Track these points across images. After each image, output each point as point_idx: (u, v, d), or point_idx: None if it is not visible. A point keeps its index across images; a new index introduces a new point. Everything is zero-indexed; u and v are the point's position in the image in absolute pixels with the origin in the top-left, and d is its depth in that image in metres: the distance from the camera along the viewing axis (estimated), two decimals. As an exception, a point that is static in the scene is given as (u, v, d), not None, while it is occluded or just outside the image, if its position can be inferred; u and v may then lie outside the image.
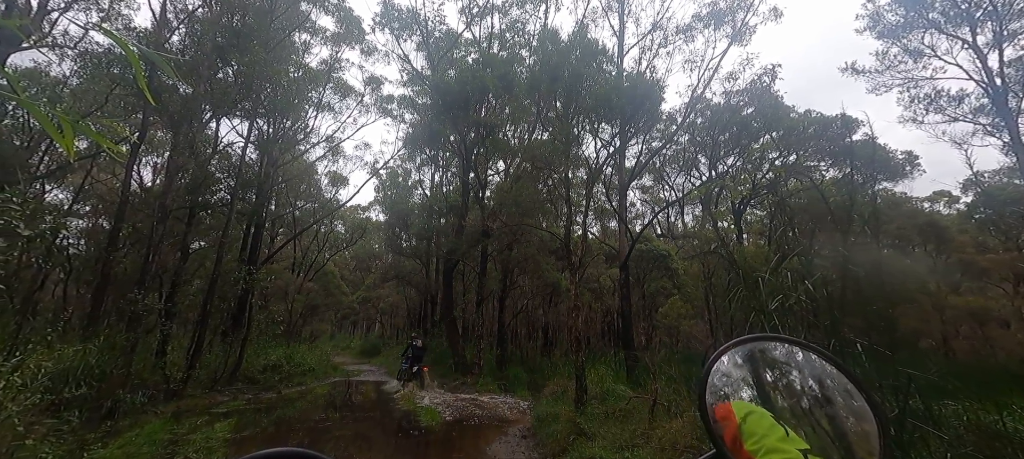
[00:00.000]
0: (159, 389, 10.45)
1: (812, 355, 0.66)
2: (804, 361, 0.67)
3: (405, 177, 25.84)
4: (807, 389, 0.64)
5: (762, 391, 0.65)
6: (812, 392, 0.64)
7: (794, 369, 0.66)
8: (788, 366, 0.67)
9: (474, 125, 15.33)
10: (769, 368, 0.68)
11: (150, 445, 6.40)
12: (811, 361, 0.66)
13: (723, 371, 0.65)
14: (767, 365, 0.68)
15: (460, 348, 15.94)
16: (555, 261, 18.09)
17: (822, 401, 0.63)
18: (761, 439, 0.54)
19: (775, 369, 0.67)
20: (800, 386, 0.65)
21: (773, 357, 0.69)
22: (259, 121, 17.00)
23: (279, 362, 15.25)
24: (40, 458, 3.26)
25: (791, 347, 0.68)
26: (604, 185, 15.85)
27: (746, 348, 0.68)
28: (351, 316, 39.25)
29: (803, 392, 0.64)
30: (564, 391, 8.45)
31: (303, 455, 0.56)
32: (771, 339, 0.71)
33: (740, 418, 0.58)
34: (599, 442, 5.15)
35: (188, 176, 13.70)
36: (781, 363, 0.67)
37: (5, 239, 3.60)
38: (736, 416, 0.58)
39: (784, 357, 0.68)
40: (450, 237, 16.96)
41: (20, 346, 3.74)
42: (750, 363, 0.67)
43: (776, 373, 0.67)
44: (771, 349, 0.69)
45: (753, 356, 0.68)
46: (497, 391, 12.20)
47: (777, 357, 0.68)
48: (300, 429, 8.31)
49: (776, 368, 0.67)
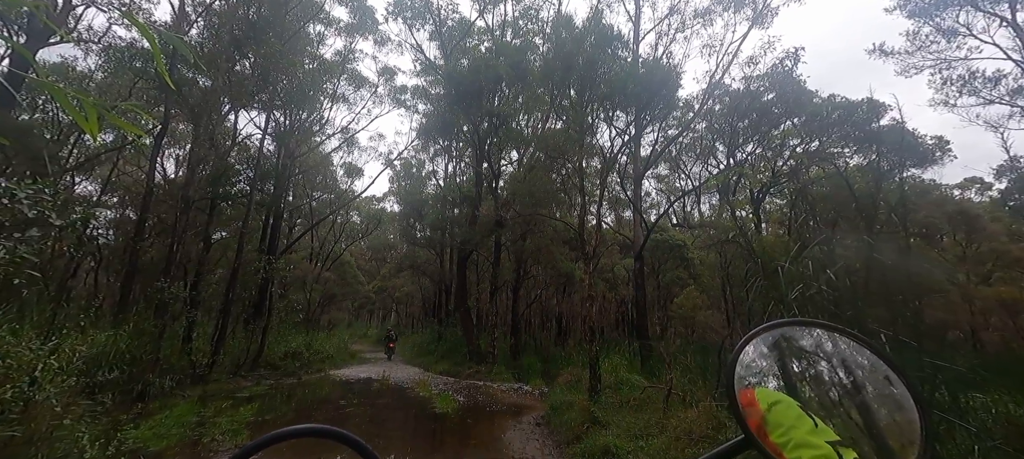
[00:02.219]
0: (186, 374, 10.85)
1: (847, 341, 0.63)
2: (838, 347, 0.64)
3: (419, 168, 26.00)
4: (840, 377, 0.61)
5: (791, 379, 0.62)
6: (845, 380, 0.61)
7: (827, 355, 0.63)
8: (820, 352, 0.64)
9: (487, 115, 15.27)
10: (800, 354, 0.65)
11: (179, 427, 6.66)
12: (846, 347, 0.63)
13: (752, 356, 0.62)
14: (798, 351, 0.65)
15: (474, 337, 16.08)
16: (569, 251, 17.99)
17: (856, 389, 0.60)
18: (788, 431, 0.52)
19: (806, 355, 0.64)
20: (832, 373, 0.62)
21: (805, 343, 0.66)
22: (276, 113, 17.25)
23: (299, 349, 15.65)
24: (77, 437, 3.44)
25: (824, 332, 0.65)
26: (619, 174, 15.66)
27: (776, 333, 0.65)
28: (367, 305, 39.92)
29: (835, 380, 0.61)
30: (578, 380, 8.48)
31: (328, 431, 0.57)
32: (804, 324, 0.67)
33: (765, 407, 0.55)
34: (613, 431, 5.16)
35: (209, 168, 14.04)
36: (813, 349, 0.64)
37: (39, 229, 3.74)
38: (761, 405, 0.55)
39: (816, 343, 0.65)
40: (464, 227, 17.03)
41: (56, 331, 3.94)
42: (779, 349, 0.65)
43: (807, 360, 0.64)
44: (803, 334, 0.66)
45: (783, 342, 0.65)
46: (511, 379, 12.30)
47: (809, 343, 0.65)
48: (320, 414, 8.55)
49: (807, 354, 0.64)
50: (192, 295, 12.64)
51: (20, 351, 3.61)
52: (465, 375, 13.62)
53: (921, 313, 2.52)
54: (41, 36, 9.24)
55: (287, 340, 16.02)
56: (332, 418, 8.20)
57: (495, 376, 12.80)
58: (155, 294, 10.98)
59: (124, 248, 14.47)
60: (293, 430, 0.55)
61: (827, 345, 0.64)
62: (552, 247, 16.39)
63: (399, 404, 9.35)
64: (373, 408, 8.77)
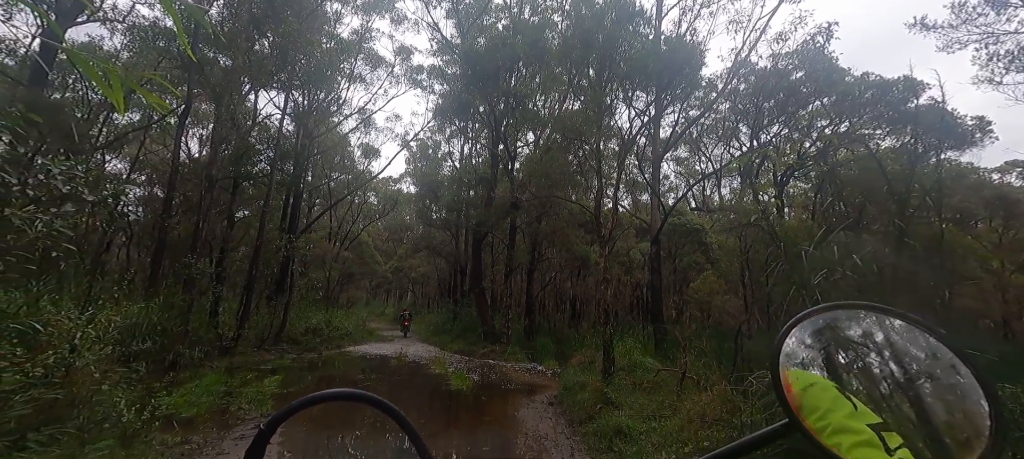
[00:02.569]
0: (213, 346, 11.31)
1: (908, 326, 0.59)
2: (894, 333, 0.59)
3: (435, 149, 26.03)
4: (893, 363, 0.57)
5: (835, 363, 0.58)
6: (898, 366, 0.57)
7: (880, 341, 0.60)
8: (873, 338, 0.60)
9: (503, 95, 15.09)
10: (848, 339, 0.61)
11: (208, 395, 6.99)
12: (903, 333, 0.59)
13: (797, 340, 0.60)
14: (846, 336, 0.61)
15: (489, 318, 16.27)
16: (584, 234, 17.89)
17: (910, 376, 0.56)
18: (825, 414, 0.49)
19: (855, 340, 0.61)
20: (884, 359, 0.58)
21: (855, 327, 0.62)
22: (295, 93, 17.43)
23: (319, 326, 16.12)
24: (115, 402, 3.65)
25: (881, 317, 0.61)
26: (637, 157, 15.37)
27: (827, 317, 0.62)
28: (385, 285, 40.64)
29: (887, 366, 0.57)
30: (591, 362, 8.53)
31: (365, 396, 0.59)
32: (858, 308, 0.63)
33: (799, 389, 0.52)
34: (626, 411, 5.19)
35: (231, 148, 14.34)
36: (864, 334, 0.61)
37: (73, 204, 3.88)
38: (794, 387, 0.52)
39: (869, 328, 0.61)
40: (479, 209, 17.06)
41: (92, 302, 4.15)
42: (826, 334, 0.61)
43: (855, 344, 0.60)
44: (856, 319, 0.62)
45: (832, 326, 0.62)
46: (525, 360, 12.46)
47: (860, 328, 0.61)
48: (341, 385, 8.85)
49: (856, 339, 0.61)
50: (217, 271, 13.11)
51: (60, 320, 3.81)
52: (479, 354, 13.85)
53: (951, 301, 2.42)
54: (69, 14, 9.45)
55: (308, 317, 16.52)
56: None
57: (509, 356, 12.97)
58: (183, 269, 11.42)
59: (153, 225, 15.03)
60: (332, 393, 0.57)
61: (881, 331, 0.61)
62: (567, 230, 16.30)
63: (416, 380, 9.60)
64: (391, 383, 9.05)
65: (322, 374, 9.99)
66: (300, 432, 5.14)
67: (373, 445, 5.13)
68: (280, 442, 4.66)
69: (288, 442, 4.93)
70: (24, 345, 3.23)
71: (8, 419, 2.63)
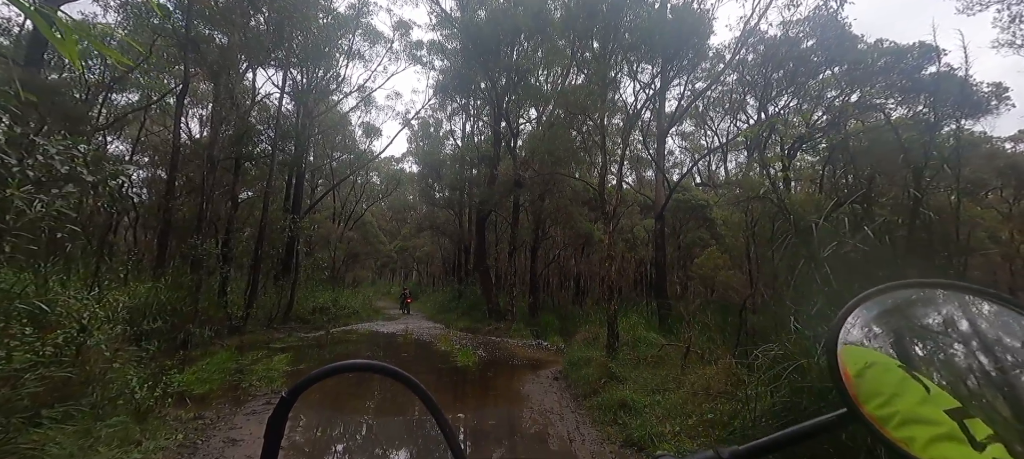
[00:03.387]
0: (223, 325, 11.49)
1: (997, 306, 0.50)
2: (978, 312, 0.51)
3: (437, 128, 25.75)
4: (978, 344, 0.49)
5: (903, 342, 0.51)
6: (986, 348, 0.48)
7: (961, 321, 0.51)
8: (954, 318, 0.52)
9: (505, 70, 14.78)
10: (923, 319, 0.53)
11: (220, 372, 7.13)
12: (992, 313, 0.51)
13: (860, 321, 0.52)
14: (920, 315, 0.54)
15: (493, 296, 16.39)
16: (588, 211, 17.82)
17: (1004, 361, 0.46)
18: (890, 400, 0.41)
19: (933, 320, 0.53)
20: (968, 340, 0.50)
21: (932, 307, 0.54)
22: (293, 71, 17.18)
23: (326, 305, 16.33)
24: (127, 380, 3.71)
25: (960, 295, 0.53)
26: (641, 132, 15.13)
27: (896, 296, 0.54)
28: (390, 264, 41.06)
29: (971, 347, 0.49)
30: (595, 338, 8.60)
31: (378, 366, 0.59)
32: (931, 285, 0.55)
33: (855, 371, 0.44)
34: (630, 386, 5.24)
35: (231, 128, 14.25)
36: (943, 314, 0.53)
37: (75, 185, 3.86)
38: (849, 368, 0.45)
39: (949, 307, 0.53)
40: (482, 187, 16.96)
41: (99, 282, 4.18)
42: (894, 314, 0.53)
43: (933, 325, 0.53)
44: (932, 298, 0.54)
45: (902, 305, 0.54)
46: (529, 337, 12.59)
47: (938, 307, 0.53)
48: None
49: (935, 319, 0.53)
50: (223, 252, 13.22)
51: (68, 300, 3.84)
52: (484, 331, 14.01)
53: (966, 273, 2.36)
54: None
55: (314, 296, 16.72)
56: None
57: (514, 333, 13.11)
58: (189, 250, 11.52)
59: (158, 206, 15.10)
60: (351, 364, 0.57)
61: (962, 312, 0.52)
62: (571, 208, 16.22)
63: (422, 357, 9.74)
64: (398, 360, 9.20)
65: (331, 352, 10.15)
66: (313, 404, 5.25)
67: (384, 417, 5.23)
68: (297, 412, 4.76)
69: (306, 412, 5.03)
70: (34, 325, 3.27)
71: (21, 397, 2.68)
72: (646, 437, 3.82)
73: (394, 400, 5.77)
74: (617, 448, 3.96)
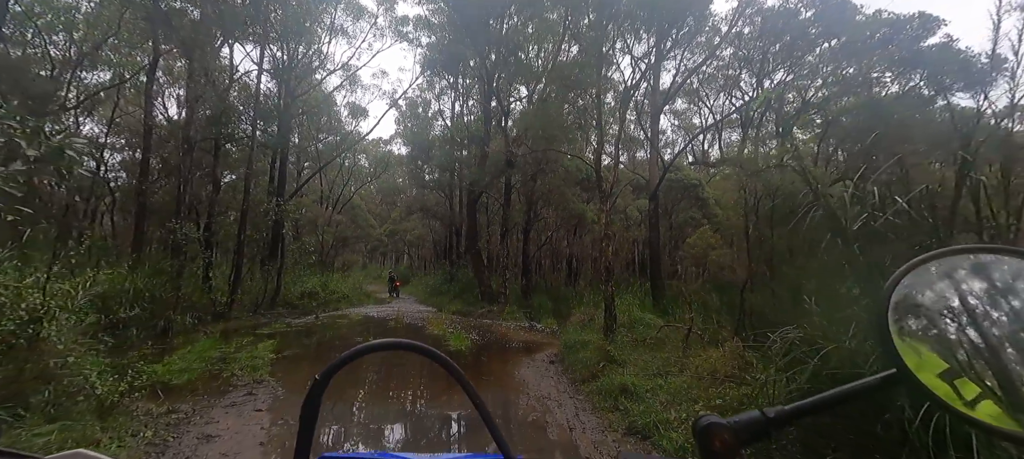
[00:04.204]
0: (207, 311, 11.13)
1: None
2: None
3: (425, 108, 25.04)
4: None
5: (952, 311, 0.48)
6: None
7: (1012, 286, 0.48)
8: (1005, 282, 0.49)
9: (494, 45, 14.22)
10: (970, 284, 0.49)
11: (201, 361, 6.81)
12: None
13: (911, 287, 0.49)
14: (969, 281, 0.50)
15: (486, 278, 16.17)
16: (580, 192, 17.58)
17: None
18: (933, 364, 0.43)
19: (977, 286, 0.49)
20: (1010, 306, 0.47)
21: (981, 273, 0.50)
22: (273, 48, 16.43)
23: (314, 290, 15.97)
24: (84, 374, 3.39)
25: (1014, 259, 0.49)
26: (635, 109, 14.78)
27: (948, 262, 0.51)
28: (380, 248, 40.68)
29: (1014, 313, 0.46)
30: (591, 320, 8.42)
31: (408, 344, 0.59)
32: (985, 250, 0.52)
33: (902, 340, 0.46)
34: (630, 369, 5.04)
35: (210, 108, 13.61)
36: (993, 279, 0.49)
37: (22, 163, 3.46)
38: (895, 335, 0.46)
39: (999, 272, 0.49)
40: (473, 168, 16.56)
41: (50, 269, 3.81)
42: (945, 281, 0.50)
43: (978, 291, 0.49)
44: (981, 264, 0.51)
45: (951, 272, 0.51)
46: (523, 319, 12.43)
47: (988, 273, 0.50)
48: (340, 349, 8.73)
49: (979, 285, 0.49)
50: (206, 236, 12.76)
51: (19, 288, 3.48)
52: (477, 315, 13.82)
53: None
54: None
55: (303, 281, 16.34)
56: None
57: (507, 316, 12.94)
58: (168, 235, 11.06)
59: (135, 190, 14.46)
60: (381, 343, 0.57)
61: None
62: (564, 188, 15.95)
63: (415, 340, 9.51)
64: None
65: (319, 338, 9.87)
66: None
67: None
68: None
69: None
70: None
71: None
72: (651, 424, 3.63)
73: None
74: (620, 436, 3.76)
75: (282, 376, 6.07)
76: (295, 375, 6.20)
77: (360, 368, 6.06)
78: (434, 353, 0.57)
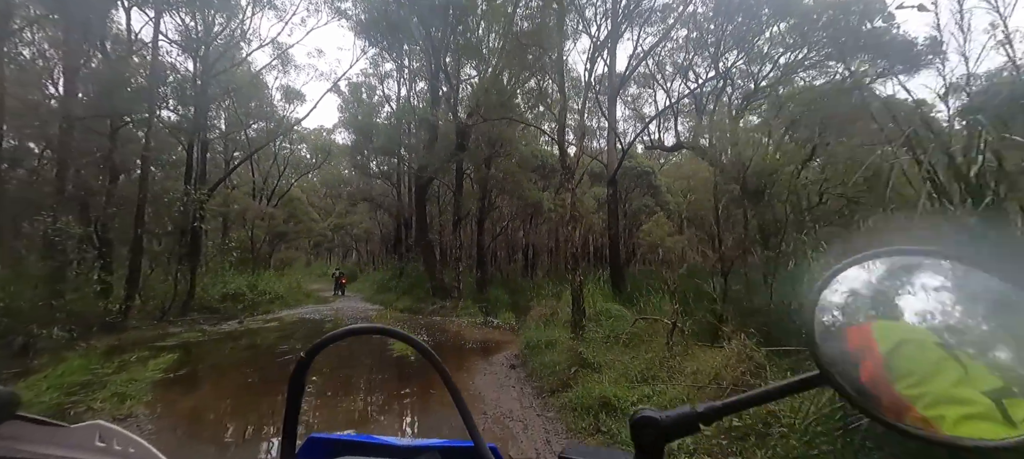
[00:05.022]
0: (94, 322, 9.21)
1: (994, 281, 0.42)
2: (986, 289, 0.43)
3: (370, 93, 23.11)
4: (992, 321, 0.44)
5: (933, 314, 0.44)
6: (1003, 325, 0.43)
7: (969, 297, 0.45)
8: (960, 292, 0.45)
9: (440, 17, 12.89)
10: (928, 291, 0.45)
11: (55, 390, 5.22)
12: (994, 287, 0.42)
13: (850, 287, 0.47)
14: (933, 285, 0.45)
15: (438, 272, 15.04)
16: (537, 180, 16.97)
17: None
18: (924, 381, 0.38)
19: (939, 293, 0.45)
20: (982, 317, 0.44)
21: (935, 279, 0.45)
22: (181, 15, 14.15)
23: (240, 291, 14.06)
24: None
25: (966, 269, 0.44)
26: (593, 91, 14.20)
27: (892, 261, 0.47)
28: (325, 243, 38.41)
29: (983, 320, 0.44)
30: (553, 314, 7.60)
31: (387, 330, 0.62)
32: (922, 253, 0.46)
33: (887, 348, 0.41)
34: (608, 375, 4.16)
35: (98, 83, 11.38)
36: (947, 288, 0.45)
37: None
38: (879, 345, 0.42)
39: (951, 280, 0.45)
40: (421, 153, 15.27)
41: None
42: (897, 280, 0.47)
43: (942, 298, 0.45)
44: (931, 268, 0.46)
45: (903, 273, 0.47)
46: (478, 315, 11.49)
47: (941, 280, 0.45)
48: (257, 363, 7.28)
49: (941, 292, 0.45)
50: (97, 232, 10.70)
51: None
52: (428, 312, 12.73)
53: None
54: None
55: (226, 281, 14.33)
56: (272, 366, 6.99)
57: (461, 312, 11.95)
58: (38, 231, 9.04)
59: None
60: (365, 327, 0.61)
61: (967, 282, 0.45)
62: (519, 174, 15.16)
63: (351, 348, 8.22)
64: (325, 354, 7.54)
65: (234, 349, 8.35)
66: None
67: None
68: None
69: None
70: None
71: None
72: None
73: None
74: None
75: (163, 407, 4.68)
76: (183, 403, 4.82)
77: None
78: (413, 340, 0.58)
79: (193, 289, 12.51)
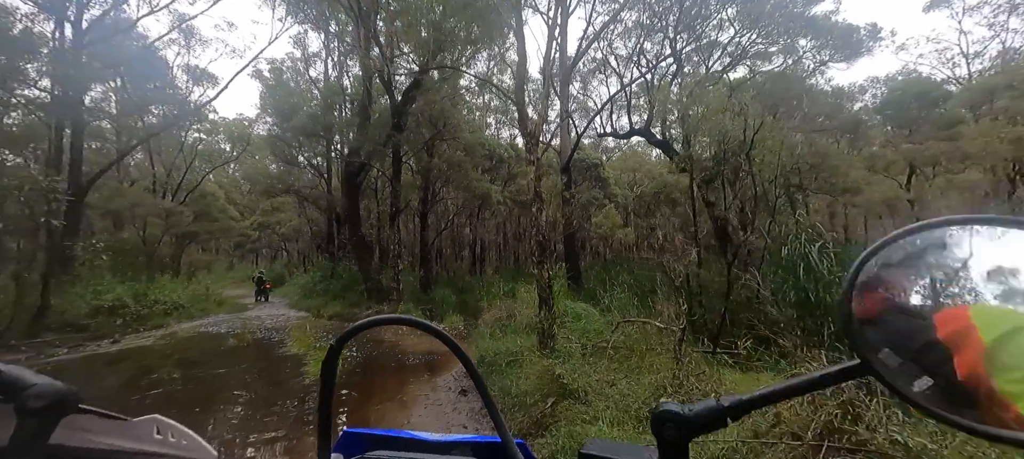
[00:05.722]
0: None
1: None
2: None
3: (296, 77, 20.44)
4: None
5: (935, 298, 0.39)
6: None
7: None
8: None
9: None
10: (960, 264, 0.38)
11: None
12: None
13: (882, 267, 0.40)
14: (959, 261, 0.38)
15: (374, 272, 13.29)
16: (483, 175, 15.86)
17: None
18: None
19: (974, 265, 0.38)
20: None
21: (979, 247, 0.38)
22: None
23: (120, 302, 11.37)
24: None
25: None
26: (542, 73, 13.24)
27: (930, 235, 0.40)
28: (248, 244, 34.45)
29: None
30: (510, 316, 6.40)
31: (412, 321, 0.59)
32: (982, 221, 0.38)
33: (989, 339, 0.34)
34: (599, 410, 2.84)
35: None
36: None
37: None
38: (981, 333, 0.34)
39: None
40: (354, 136, 13.41)
41: None
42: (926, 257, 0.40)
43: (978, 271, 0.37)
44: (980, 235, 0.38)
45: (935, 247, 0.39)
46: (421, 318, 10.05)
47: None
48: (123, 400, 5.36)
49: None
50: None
51: None
52: (361, 318, 11.03)
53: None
54: None
55: (101, 291, 11.54)
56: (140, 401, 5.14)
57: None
58: None
59: None
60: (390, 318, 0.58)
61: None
62: (466, 162, 13.86)
63: (254, 372, 6.48)
64: (206, 385, 5.75)
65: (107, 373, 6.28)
66: None
67: None
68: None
69: None
70: None
71: None
72: None
73: None
74: None
75: None
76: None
77: None
78: (438, 332, 0.57)
79: (46, 301, 9.82)
